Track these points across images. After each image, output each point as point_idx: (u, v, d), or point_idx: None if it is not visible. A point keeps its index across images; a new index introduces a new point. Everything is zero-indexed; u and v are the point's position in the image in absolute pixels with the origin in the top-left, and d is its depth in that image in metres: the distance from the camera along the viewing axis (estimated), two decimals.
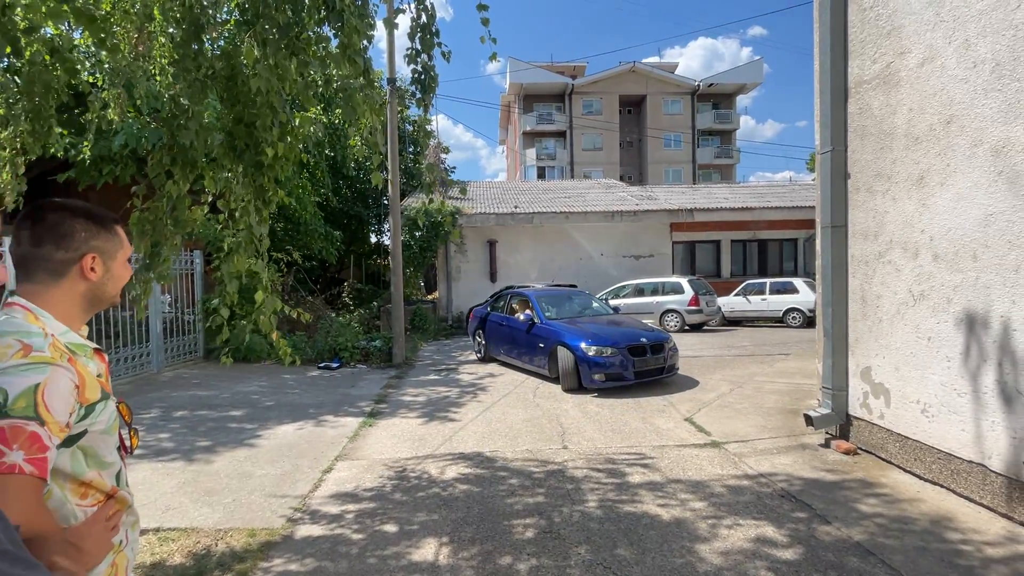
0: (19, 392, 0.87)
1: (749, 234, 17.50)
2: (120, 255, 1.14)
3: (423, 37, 2.73)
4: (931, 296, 3.65)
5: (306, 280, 13.69)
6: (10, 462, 0.83)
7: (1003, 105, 3.10)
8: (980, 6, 3.22)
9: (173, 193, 3.17)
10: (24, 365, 0.89)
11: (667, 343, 7.25)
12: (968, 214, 3.35)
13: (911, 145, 3.78)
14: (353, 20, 2.47)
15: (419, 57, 2.77)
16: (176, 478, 4.14)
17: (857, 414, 4.40)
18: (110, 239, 1.11)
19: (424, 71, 2.82)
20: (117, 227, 1.14)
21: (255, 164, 3.07)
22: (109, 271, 1.11)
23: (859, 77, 4.27)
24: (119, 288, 1.16)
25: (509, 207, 16.64)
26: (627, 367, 6.75)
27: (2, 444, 0.84)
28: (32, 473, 0.85)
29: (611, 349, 6.77)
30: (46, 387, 0.90)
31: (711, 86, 39.04)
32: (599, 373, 6.66)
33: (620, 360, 6.74)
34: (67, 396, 0.94)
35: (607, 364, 6.69)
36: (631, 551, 2.90)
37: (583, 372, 6.74)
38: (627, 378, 6.77)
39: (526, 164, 39.30)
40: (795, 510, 3.36)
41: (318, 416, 5.96)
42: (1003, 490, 3.15)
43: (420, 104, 3.05)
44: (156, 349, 8.72)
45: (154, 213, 3.18)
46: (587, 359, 6.72)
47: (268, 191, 3.21)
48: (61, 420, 0.92)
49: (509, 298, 9.32)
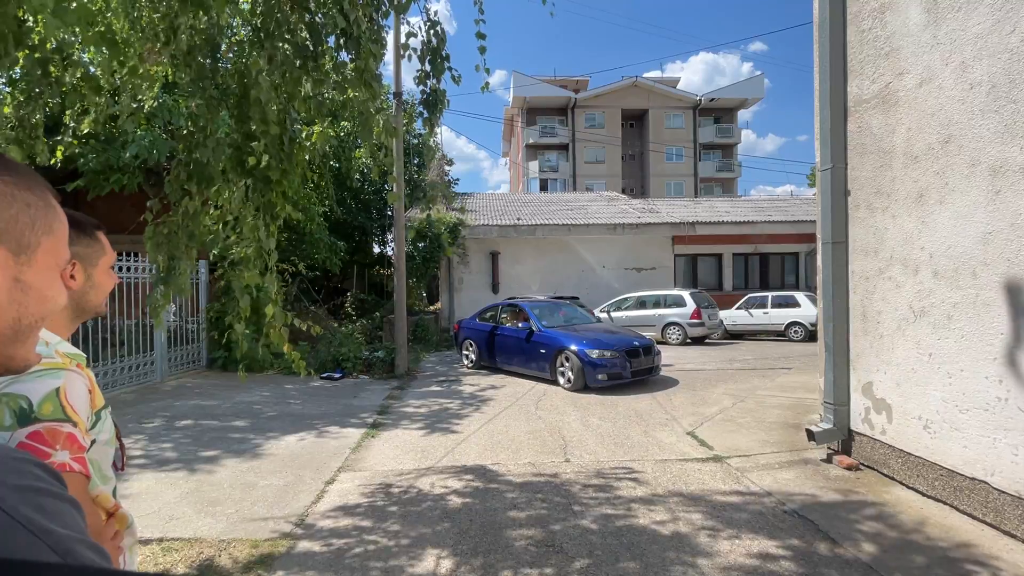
0: (42, 397, 0.84)
1: (751, 247, 17.55)
2: (102, 262, 1.09)
3: (433, 61, 2.80)
4: (932, 313, 3.68)
5: (309, 290, 13.76)
6: (60, 461, 0.81)
7: (1000, 126, 3.16)
8: (976, 30, 3.30)
9: (190, 209, 3.22)
10: (39, 371, 0.86)
11: (653, 347, 8.24)
12: (967, 232, 3.40)
13: (910, 164, 3.84)
14: (369, 46, 2.55)
15: (428, 80, 2.84)
16: (179, 488, 4.15)
17: (859, 429, 4.40)
18: (90, 245, 1.06)
19: (432, 92, 2.89)
20: (99, 233, 1.09)
21: (264, 179, 3.13)
22: (91, 279, 1.06)
23: (858, 96, 4.34)
24: (103, 297, 1.11)
25: (512, 219, 16.75)
26: (625, 367, 7.60)
27: (45, 446, 0.81)
28: (80, 472, 0.84)
29: (611, 352, 7.62)
30: (66, 390, 0.88)
31: (712, 101, 39.40)
32: (602, 373, 7.44)
33: (620, 361, 7.59)
34: (85, 400, 0.92)
35: (609, 365, 7.52)
36: (633, 565, 2.90)
37: (588, 373, 7.46)
38: (625, 376, 7.60)
39: (529, 176, 39.56)
40: (797, 526, 3.36)
41: (321, 427, 5.97)
42: (1005, 508, 3.15)
43: (426, 124, 3.12)
44: (160, 358, 8.76)
45: (169, 227, 3.24)
46: (592, 361, 7.49)
47: (276, 206, 3.27)
48: (86, 423, 0.91)
49: (500, 310, 9.92)
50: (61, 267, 0.62)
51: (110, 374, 7.68)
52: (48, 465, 0.51)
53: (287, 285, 11.67)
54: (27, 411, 0.82)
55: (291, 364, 3.57)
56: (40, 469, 0.48)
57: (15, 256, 0.55)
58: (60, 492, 0.48)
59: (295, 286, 12.31)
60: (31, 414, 0.82)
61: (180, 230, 3.09)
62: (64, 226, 0.62)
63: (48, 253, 0.59)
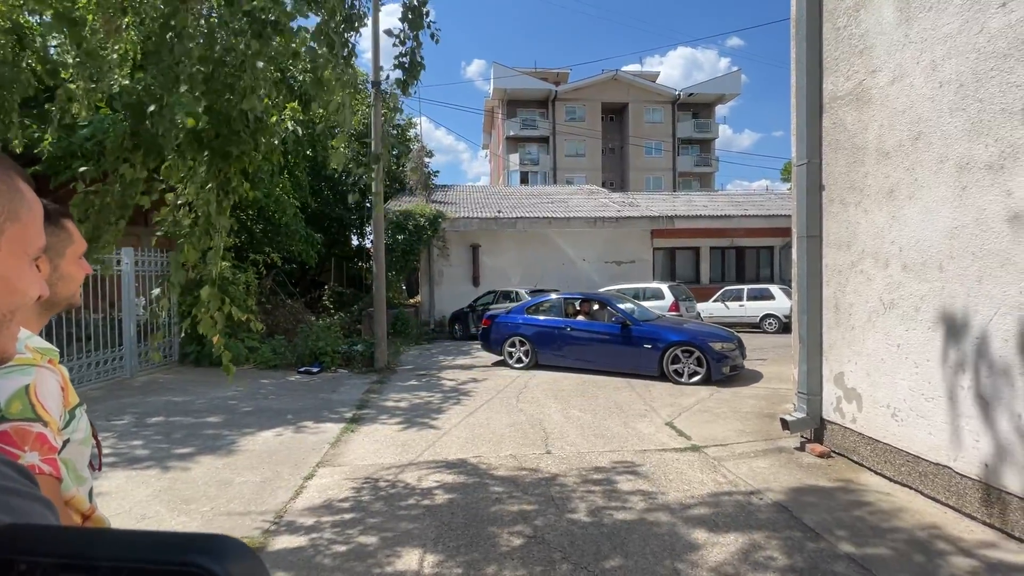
0: (10, 395, 0.80)
1: (727, 241, 17.87)
2: (69, 252, 1.02)
3: (413, 20, 2.72)
4: (900, 305, 3.80)
5: (286, 283, 13.49)
6: (28, 462, 0.76)
7: (966, 124, 3.26)
8: (946, 29, 3.39)
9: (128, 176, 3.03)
10: (7, 368, 0.81)
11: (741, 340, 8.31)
12: (935, 226, 3.51)
13: (882, 159, 3.94)
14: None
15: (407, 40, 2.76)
16: (151, 486, 4.04)
17: (831, 418, 4.54)
18: (56, 234, 0.99)
19: (410, 55, 2.80)
20: (65, 221, 1.02)
21: (223, 154, 2.96)
22: (57, 269, 0.99)
23: (833, 93, 4.43)
24: (73, 288, 1.05)
25: (492, 212, 16.67)
26: (740, 359, 7.76)
27: (12, 447, 0.76)
28: (51, 474, 0.79)
29: (730, 344, 7.68)
30: (36, 388, 0.83)
31: (691, 96, 39.80)
32: (726, 366, 7.50)
33: (736, 353, 7.68)
34: (57, 397, 0.88)
35: (731, 357, 7.58)
36: (615, 555, 2.94)
37: (714, 368, 7.42)
38: (741, 367, 7.82)
39: (509, 169, 39.43)
40: (771, 513, 3.45)
41: (298, 422, 5.87)
42: (967, 491, 3.29)
43: (402, 87, 3.01)
44: (129, 353, 8.48)
45: (101, 197, 3.04)
46: (717, 355, 7.47)
47: (232, 181, 3.10)
48: (58, 422, 0.86)
49: (564, 303, 9.20)
50: (33, 256, 0.58)
51: (77, 370, 7.40)
52: (19, 464, 0.48)
53: (262, 277, 11.41)
54: None
55: (268, 357, 3.46)
56: (9, 468, 0.47)
57: None
58: (31, 492, 0.46)
59: (271, 278, 12.05)
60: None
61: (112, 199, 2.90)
62: (34, 213, 0.58)
63: (14, 241, 0.55)
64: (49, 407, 0.84)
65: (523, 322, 9.30)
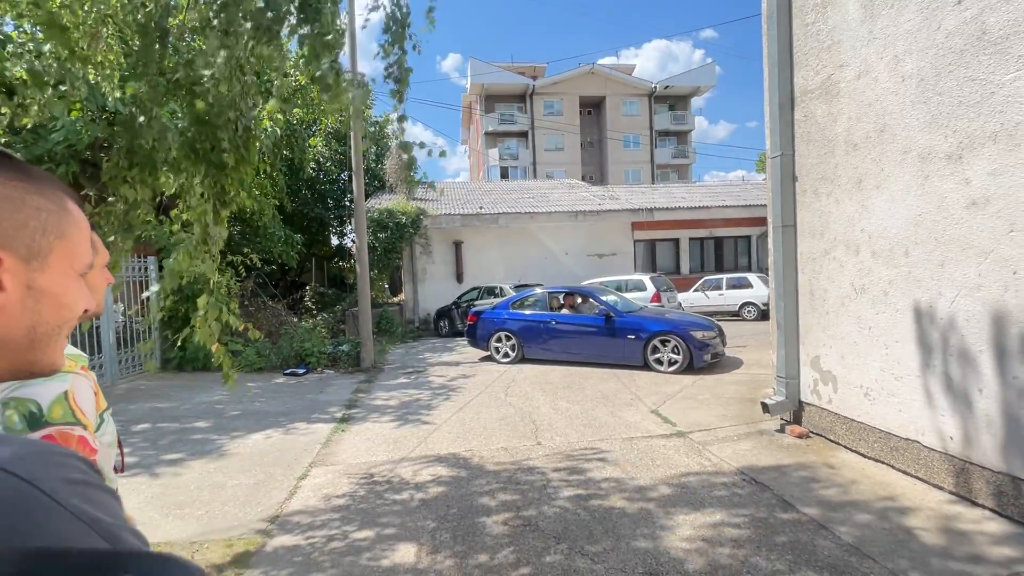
0: (52, 400, 0.83)
1: (706, 232, 18.20)
2: (95, 263, 1.08)
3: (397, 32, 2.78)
4: (870, 290, 3.99)
5: (267, 284, 13.31)
6: None
7: (927, 116, 3.43)
8: (907, 26, 3.55)
9: (130, 198, 3.04)
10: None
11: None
12: (900, 214, 3.69)
13: (850, 151, 4.11)
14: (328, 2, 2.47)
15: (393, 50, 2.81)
16: (143, 493, 4.02)
17: (808, 400, 4.73)
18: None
19: (397, 65, 2.87)
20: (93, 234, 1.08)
21: (217, 166, 2.98)
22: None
23: (804, 87, 4.59)
24: (98, 298, 1.05)
25: (474, 208, 16.69)
26: (721, 346, 7.97)
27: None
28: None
29: (710, 333, 7.84)
30: (74, 393, 0.87)
31: (667, 88, 40.20)
32: (707, 354, 7.67)
33: (717, 341, 7.87)
34: (92, 402, 0.92)
35: (712, 345, 7.75)
36: (607, 537, 3.05)
37: (696, 356, 7.58)
38: (722, 355, 8.01)
39: (489, 164, 39.36)
40: (754, 492, 3.60)
41: (288, 423, 5.87)
42: (934, 463, 3.49)
43: (396, 95, 3.07)
44: (109, 360, 8.33)
45: (105, 218, 3.04)
46: (698, 344, 7.62)
47: (229, 192, 3.12)
48: (93, 425, 0.91)
49: (549, 297, 9.38)
50: (80, 272, 0.61)
51: None
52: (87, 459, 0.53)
53: (243, 279, 11.25)
54: (37, 415, 0.81)
55: (252, 360, 3.47)
56: (82, 463, 0.51)
57: (26, 262, 0.54)
58: (101, 483, 0.51)
59: (252, 280, 11.88)
60: (41, 418, 0.82)
61: (116, 220, 2.90)
62: (82, 230, 0.61)
63: (63, 258, 0.58)
64: (86, 411, 0.89)
65: (509, 317, 9.39)
